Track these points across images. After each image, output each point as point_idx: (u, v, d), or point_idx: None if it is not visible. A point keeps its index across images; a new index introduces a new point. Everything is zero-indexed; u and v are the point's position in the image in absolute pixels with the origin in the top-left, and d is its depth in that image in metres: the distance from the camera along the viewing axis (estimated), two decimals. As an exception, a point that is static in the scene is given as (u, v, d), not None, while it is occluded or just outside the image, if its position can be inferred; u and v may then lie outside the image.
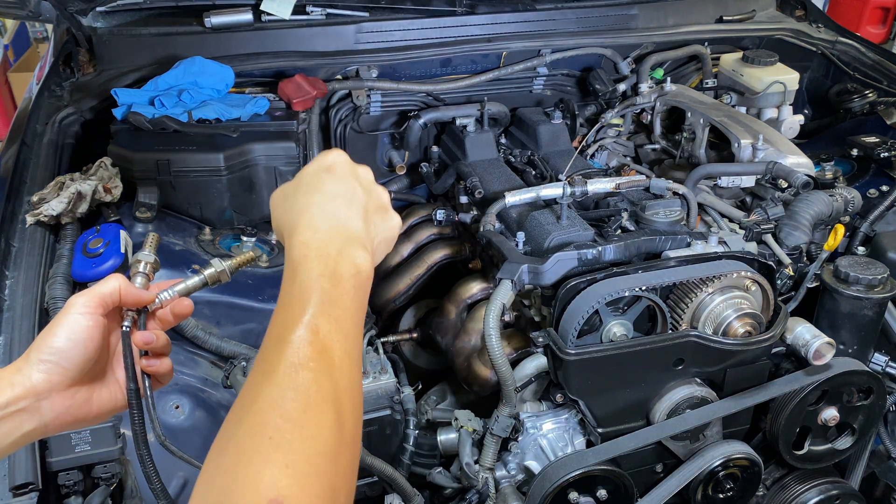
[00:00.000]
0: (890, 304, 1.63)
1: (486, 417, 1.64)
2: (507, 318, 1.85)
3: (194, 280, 1.01)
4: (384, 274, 2.27)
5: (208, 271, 1.01)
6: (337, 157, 0.92)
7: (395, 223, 0.94)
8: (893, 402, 1.71)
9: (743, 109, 2.32)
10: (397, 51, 2.30)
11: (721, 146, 2.20)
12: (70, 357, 0.90)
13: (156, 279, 1.03)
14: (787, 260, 1.70)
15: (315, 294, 0.79)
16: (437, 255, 2.15)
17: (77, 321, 0.90)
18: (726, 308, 1.48)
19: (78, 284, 1.59)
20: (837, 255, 1.76)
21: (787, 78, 2.27)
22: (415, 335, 2.19)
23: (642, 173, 2.16)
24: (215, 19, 2.24)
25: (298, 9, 2.30)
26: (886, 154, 2.11)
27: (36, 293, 1.50)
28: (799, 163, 1.92)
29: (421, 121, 2.28)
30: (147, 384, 0.96)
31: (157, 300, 0.98)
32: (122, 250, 1.60)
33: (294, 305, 0.79)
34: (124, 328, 0.93)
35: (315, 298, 0.78)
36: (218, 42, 2.23)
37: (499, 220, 1.81)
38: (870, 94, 2.42)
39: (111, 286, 0.93)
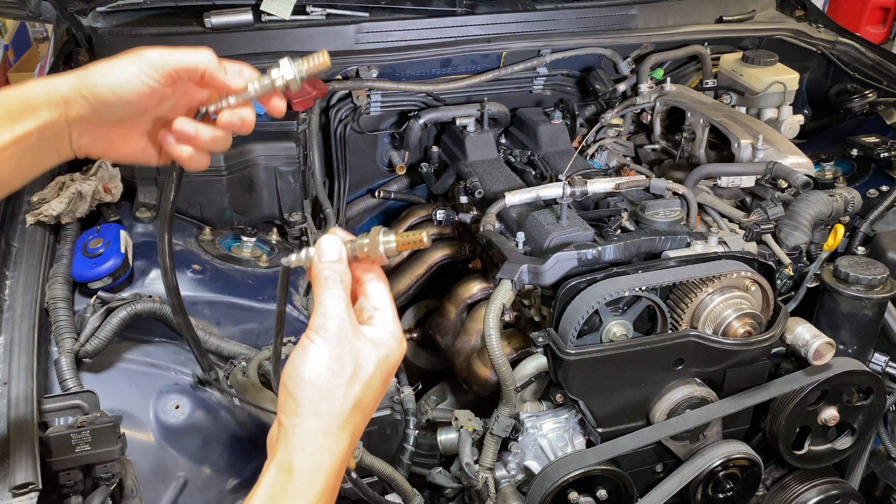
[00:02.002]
0: (890, 304, 1.63)
1: (486, 417, 1.64)
2: (507, 318, 1.86)
3: (265, 82, 1.02)
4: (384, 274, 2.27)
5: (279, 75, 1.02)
6: (399, 352, 0.89)
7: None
8: (893, 402, 1.71)
9: (743, 109, 2.32)
10: (397, 51, 2.30)
11: (721, 146, 2.20)
12: (110, 109, 0.91)
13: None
14: (786, 260, 1.70)
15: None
16: (437, 255, 2.15)
17: (132, 82, 0.91)
18: (726, 308, 1.48)
19: (78, 284, 1.59)
20: (837, 255, 1.77)
21: (787, 78, 2.27)
22: (415, 335, 2.19)
23: (642, 173, 2.16)
24: (215, 19, 2.24)
25: (298, 9, 2.30)
26: (886, 154, 2.11)
27: (36, 293, 1.50)
28: (799, 163, 1.92)
29: (421, 121, 2.28)
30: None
31: (248, 89, 0.99)
32: (122, 250, 1.60)
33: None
34: (284, 264, 0.91)
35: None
36: (218, 42, 2.23)
37: (499, 220, 1.81)
38: (870, 95, 2.42)
39: (198, 61, 0.94)
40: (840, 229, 1.82)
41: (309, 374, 0.82)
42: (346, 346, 0.84)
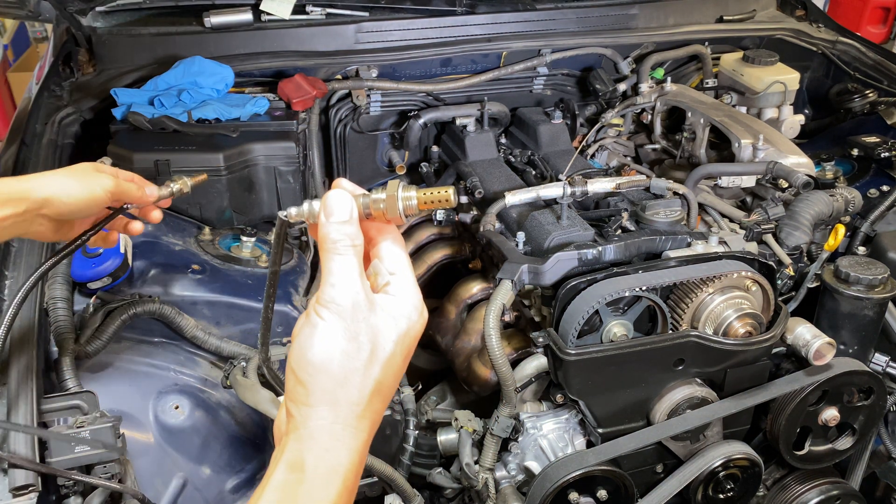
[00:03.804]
0: (890, 305, 1.63)
1: (486, 417, 1.64)
2: (507, 318, 1.85)
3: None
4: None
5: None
6: (421, 323, 0.79)
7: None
8: (894, 402, 1.71)
9: (743, 109, 2.32)
10: (397, 51, 2.30)
11: (721, 146, 2.20)
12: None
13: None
14: (787, 260, 1.70)
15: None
16: (437, 255, 2.15)
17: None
18: (727, 308, 1.48)
19: (78, 284, 1.59)
20: (838, 255, 1.76)
21: (788, 78, 2.27)
22: (415, 335, 2.18)
23: (642, 173, 2.16)
24: (215, 19, 2.24)
25: (298, 9, 2.30)
26: (887, 154, 2.11)
27: (36, 293, 1.50)
28: (799, 163, 1.92)
29: (421, 121, 2.28)
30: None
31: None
32: (122, 250, 1.60)
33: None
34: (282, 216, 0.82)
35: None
36: (218, 42, 2.23)
37: (499, 220, 1.81)
38: (870, 94, 2.41)
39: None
40: (841, 229, 1.82)
41: (320, 358, 0.72)
42: (361, 322, 0.73)
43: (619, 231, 1.64)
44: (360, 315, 0.73)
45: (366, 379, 0.73)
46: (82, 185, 1.17)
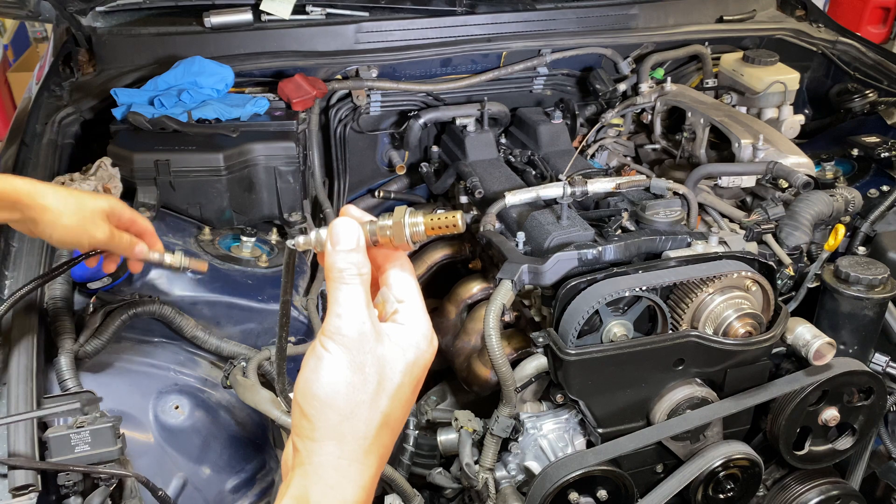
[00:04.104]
0: (890, 305, 1.63)
1: (486, 417, 1.64)
2: (507, 318, 1.85)
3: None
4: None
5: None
6: (430, 353, 0.77)
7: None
8: (894, 402, 1.71)
9: (743, 109, 2.32)
10: (397, 51, 2.30)
11: (721, 146, 2.20)
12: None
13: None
14: (787, 260, 1.70)
15: None
16: (437, 255, 2.15)
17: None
18: (727, 308, 1.48)
19: (78, 285, 1.59)
20: (838, 255, 1.76)
21: (788, 78, 2.27)
22: (415, 335, 2.18)
23: (642, 173, 2.16)
24: (215, 19, 2.24)
25: (298, 9, 2.30)
26: (887, 154, 2.11)
27: (36, 293, 1.50)
28: (799, 163, 1.92)
29: (421, 121, 2.28)
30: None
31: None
32: (122, 250, 1.60)
33: None
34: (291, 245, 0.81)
35: None
36: (218, 42, 2.23)
37: (499, 220, 1.81)
38: (870, 94, 2.41)
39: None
40: (841, 229, 1.82)
41: (325, 391, 0.70)
42: (367, 353, 0.71)
43: (619, 231, 1.64)
44: (367, 346, 0.71)
45: (373, 412, 0.71)
46: (78, 225, 1.25)
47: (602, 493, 1.51)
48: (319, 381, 0.70)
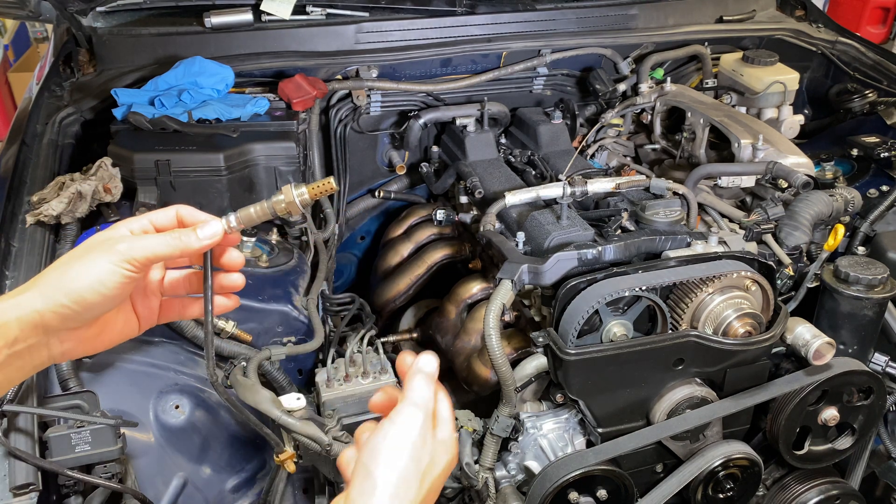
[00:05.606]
0: (890, 304, 1.63)
1: (486, 417, 1.64)
2: (507, 318, 1.85)
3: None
4: (384, 274, 2.27)
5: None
6: (454, 462, 0.90)
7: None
8: (893, 402, 1.71)
9: (743, 109, 2.32)
10: (397, 51, 2.30)
11: (721, 146, 2.20)
12: (93, 308, 0.85)
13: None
14: (787, 260, 1.70)
15: None
16: (437, 255, 2.15)
17: (112, 277, 0.85)
18: (726, 308, 1.48)
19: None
20: (837, 255, 1.76)
21: (787, 78, 2.27)
22: (415, 335, 2.19)
23: (642, 173, 2.16)
24: (215, 19, 2.24)
25: (298, 9, 2.30)
26: (886, 154, 2.11)
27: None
28: (799, 163, 1.92)
29: (421, 121, 2.28)
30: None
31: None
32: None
33: None
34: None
35: None
36: (218, 42, 2.24)
37: (499, 220, 1.81)
38: (870, 94, 2.42)
39: (163, 249, 0.90)
40: (840, 229, 1.82)
41: (392, 456, 0.82)
42: (428, 438, 0.85)
43: (619, 231, 1.64)
44: (428, 432, 0.86)
45: (421, 486, 0.83)
46: (101, 265, 0.89)
47: (602, 493, 1.51)
48: (388, 443, 0.83)
